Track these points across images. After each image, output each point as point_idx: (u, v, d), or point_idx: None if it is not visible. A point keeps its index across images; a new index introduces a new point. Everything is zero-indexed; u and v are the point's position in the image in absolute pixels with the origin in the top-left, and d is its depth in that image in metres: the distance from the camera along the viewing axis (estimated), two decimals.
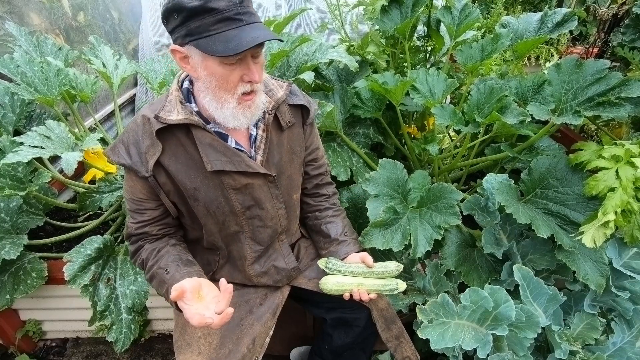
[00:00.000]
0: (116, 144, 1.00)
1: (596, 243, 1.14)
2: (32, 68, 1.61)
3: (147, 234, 1.07)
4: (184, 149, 0.98)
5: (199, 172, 0.99)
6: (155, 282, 1.02)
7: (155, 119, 0.94)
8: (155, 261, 1.02)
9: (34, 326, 1.74)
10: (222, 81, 0.89)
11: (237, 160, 0.99)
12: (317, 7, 2.87)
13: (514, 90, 1.59)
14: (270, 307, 1.17)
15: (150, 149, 0.96)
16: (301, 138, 1.15)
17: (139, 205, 1.04)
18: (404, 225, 1.31)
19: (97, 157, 1.72)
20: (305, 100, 1.14)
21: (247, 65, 0.89)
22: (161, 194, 1.02)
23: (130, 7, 2.97)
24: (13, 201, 1.56)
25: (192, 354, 1.04)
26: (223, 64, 0.87)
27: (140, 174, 0.97)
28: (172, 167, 0.98)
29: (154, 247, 1.05)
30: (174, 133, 0.97)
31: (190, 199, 1.02)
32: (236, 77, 0.89)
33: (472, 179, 2.09)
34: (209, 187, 1.01)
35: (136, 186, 1.01)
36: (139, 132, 0.97)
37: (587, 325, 1.26)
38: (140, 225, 1.06)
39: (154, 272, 1.01)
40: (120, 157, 0.98)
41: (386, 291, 1.14)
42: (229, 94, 0.91)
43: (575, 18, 1.64)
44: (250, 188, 1.04)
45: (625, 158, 1.17)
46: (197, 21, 0.82)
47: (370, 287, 1.13)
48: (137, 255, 1.08)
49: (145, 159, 0.96)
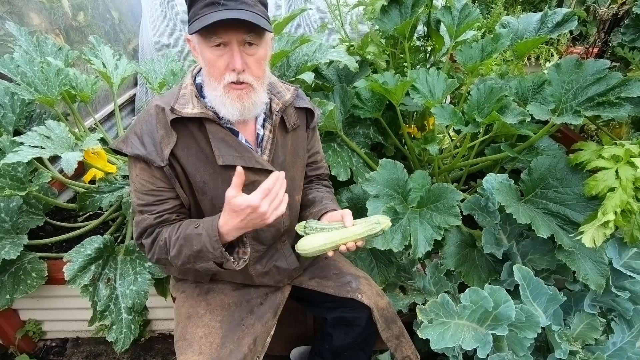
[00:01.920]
0: (128, 135, 0.99)
1: (596, 243, 1.14)
2: (32, 68, 1.61)
3: (167, 220, 1.02)
4: (196, 143, 0.99)
5: (209, 166, 1.00)
6: (186, 247, 0.95)
7: (171, 111, 0.95)
8: (180, 231, 0.97)
9: (34, 326, 1.74)
10: (211, 66, 0.92)
11: (248, 156, 1.01)
12: (317, 7, 2.87)
13: (514, 90, 1.59)
14: (271, 306, 1.17)
15: (165, 139, 0.96)
16: (305, 141, 1.17)
17: (159, 195, 1.00)
18: (404, 225, 1.31)
19: (97, 157, 1.72)
20: (310, 104, 1.17)
21: (232, 52, 0.89)
22: (176, 185, 1.00)
23: (130, 7, 2.97)
24: (13, 201, 1.56)
25: (193, 354, 1.04)
26: (211, 49, 0.90)
27: (156, 163, 0.96)
28: (184, 159, 0.98)
29: (174, 225, 1.00)
30: (186, 126, 0.98)
31: (199, 193, 1.02)
32: (222, 64, 0.90)
33: (472, 179, 2.09)
34: (218, 182, 1.01)
35: (153, 176, 0.98)
36: (153, 121, 0.97)
37: (587, 325, 1.26)
38: (160, 215, 1.01)
39: (184, 236, 0.95)
40: (134, 148, 0.96)
41: (369, 235, 1.01)
42: (216, 80, 0.93)
43: (575, 18, 1.64)
44: (256, 185, 1.03)
45: (625, 158, 1.17)
46: (192, 8, 0.89)
47: (350, 238, 1.01)
48: (156, 243, 1.00)
49: (160, 149, 0.95)
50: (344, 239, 1.00)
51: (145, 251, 1.03)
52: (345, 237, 1.00)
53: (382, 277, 1.43)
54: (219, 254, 0.93)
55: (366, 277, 1.25)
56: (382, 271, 1.44)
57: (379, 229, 1.01)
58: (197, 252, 0.94)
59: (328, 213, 1.12)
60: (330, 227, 1.03)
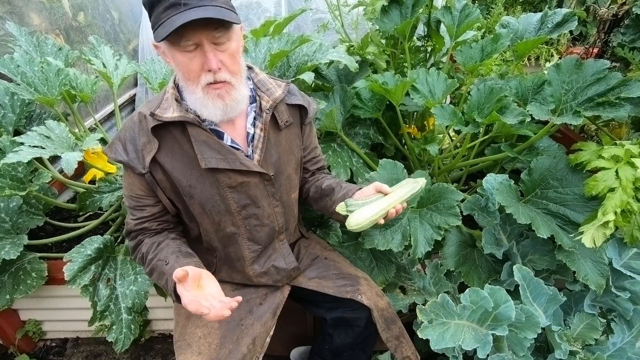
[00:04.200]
0: (114, 141, 1.01)
1: (596, 243, 1.14)
2: (32, 68, 1.61)
3: (147, 229, 1.07)
4: (180, 147, 0.99)
5: (194, 169, 1.00)
6: (155, 274, 1.02)
7: (151, 116, 0.95)
8: (155, 254, 1.02)
9: (34, 326, 1.74)
10: (185, 70, 0.90)
11: (232, 158, 1.00)
12: (317, 7, 2.87)
13: (514, 90, 1.59)
14: (270, 306, 1.17)
15: (147, 146, 0.97)
16: (299, 138, 1.16)
17: (138, 201, 1.05)
18: (404, 225, 1.31)
19: (97, 157, 1.72)
20: (303, 100, 1.14)
21: (204, 52, 0.87)
22: (158, 191, 1.02)
23: (130, 7, 2.97)
24: (13, 201, 1.56)
25: (192, 354, 1.04)
26: (182, 52, 0.87)
27: (137, 170, 0.98)
28: (168, 164, 0.99)
29: (154, 241, 1.06)
30: (170, 130, 0.98)
31: (186, 197, 1.03)
32: (196, 66, 0.88)
33: (472, 179, 2.09)
34: (205, 185, 1.01)
35: (134, 182, 1.02)
36: (136, 129, 0.98)
37: (587, 325, 1.26)
38: (140, 222, 1.06)
39: (153, 265, 1.01)
40: (117, 154, 0.99)
41: (412, 195, 1.11)
42: (193, 83, 0.91)
43: (575, 18, 1.64)
44: (246, 186, 1.04)
45: (625, 158, 1.17)
46: (154, 13, 0.86)
47: (397, 202, 1.06)
48: (137, 250, 1.07)
49: (142, 156, 0.97)
50: (392, 203, 1.05)
51: (130, 251, 1.12)
52: (393, 202, 1.06)
53: (382, 277, 1.43)
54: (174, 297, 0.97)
55: (366, 278, 1.25)
56: (382, 271, 1.43)
57: (418, 187, 1.11)
58: (161, 283, 1.01)
59: (356, 192, 1.10)
60: (371, 200, 1.06)
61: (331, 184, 1.18)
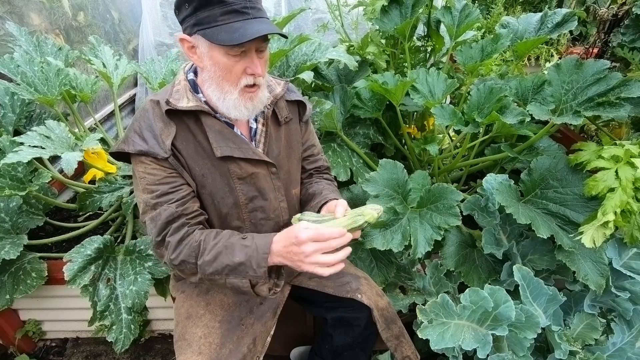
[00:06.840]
0: (128, 135, 0.98)
1: (596, 243, 1.14)
2: (32, 68, 1.61)
3: (190, 213, 0.98)
4: (193, 136, 1.00)
5: (207, 159, 1.01)
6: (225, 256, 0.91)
7: (166, 103, 0.95)
8: (221, 238, 0.95)
9: (33, 326, 1.73)
10: (226, 72, 0.93)
11: (245, 147, 1.02)
12: (317, 7, 2.87)
13: (514, 90, 1.59)
14: (270, 306, 1.17)
15: (165, 130, 0.96)
16: (298, 134, 1.19)
17: (173, 182, 0.97)
18: (404, 225, 1.31)
19: (97, 157, 1.72)
20: (301, 97, 1.19)
21: (251, 58, 0.93)
22: (184, 174, 0.99)
23: (130, 7, 2.97)
24: (13, 201, 1.56)
25: (193, 354, 1.04)
26: (228, 55, 0.90)
27: (160, 155, 0.94)
28: (184, 151, 0.99)
29: (210, 231, 0.98)
30: (182, 120, 0.99)
31: (198, 186, 1.03)
32: (239, 69, 0.93)
33: (472, 179, 2.09)
34: (216, 175, 1.02)
35: (157, 171, 0.96)
36: (150, 116, 0.97)
37: (587, 325, 1.26)
38: (181, 202, 0.96)
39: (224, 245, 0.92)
40: (135, 145, 0.95)
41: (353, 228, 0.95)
42: (232, 85, 0.95)
43: (575, 18, 1.64)
44: (255, 178, 1.06)
45: (624, 158, 1.17)
46: (206, 11, 0.87)
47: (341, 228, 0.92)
48: (185, 243, 0.94)
49: (162, 140, 0.95)
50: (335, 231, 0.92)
51: (169, 251, 0.94)
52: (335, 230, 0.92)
53: (382, 277, 1.43)
54: (261, 272, 0.89)
55: (366, 277, 1.25)
56: (382, 271, 1.43)
57: (362, 221, 0.94)
58: (237, 264, 0.90)
59: (327, 203, 1.09)
60: (324, 219, 0.99)
61: (315, 191, 1.20)
